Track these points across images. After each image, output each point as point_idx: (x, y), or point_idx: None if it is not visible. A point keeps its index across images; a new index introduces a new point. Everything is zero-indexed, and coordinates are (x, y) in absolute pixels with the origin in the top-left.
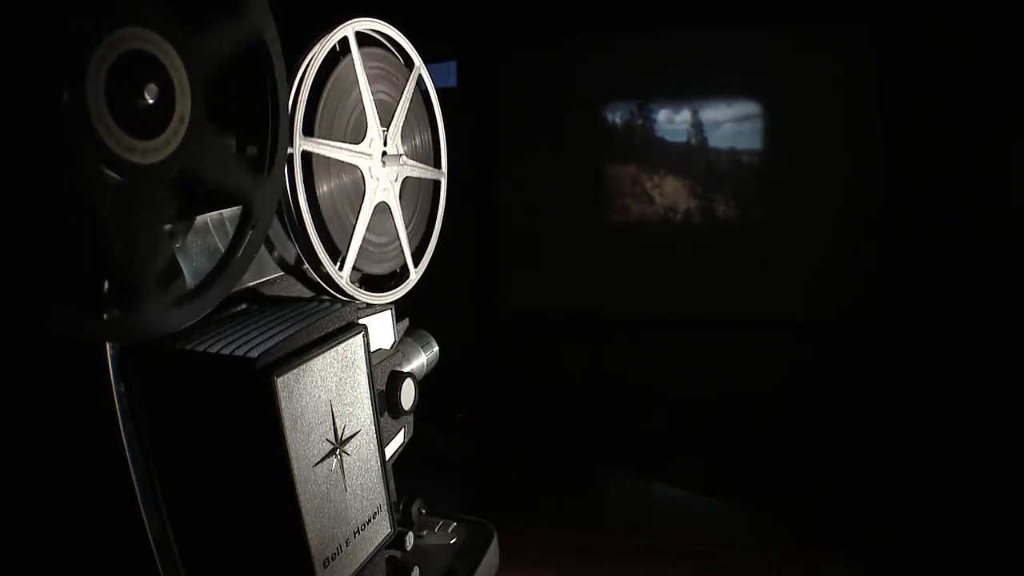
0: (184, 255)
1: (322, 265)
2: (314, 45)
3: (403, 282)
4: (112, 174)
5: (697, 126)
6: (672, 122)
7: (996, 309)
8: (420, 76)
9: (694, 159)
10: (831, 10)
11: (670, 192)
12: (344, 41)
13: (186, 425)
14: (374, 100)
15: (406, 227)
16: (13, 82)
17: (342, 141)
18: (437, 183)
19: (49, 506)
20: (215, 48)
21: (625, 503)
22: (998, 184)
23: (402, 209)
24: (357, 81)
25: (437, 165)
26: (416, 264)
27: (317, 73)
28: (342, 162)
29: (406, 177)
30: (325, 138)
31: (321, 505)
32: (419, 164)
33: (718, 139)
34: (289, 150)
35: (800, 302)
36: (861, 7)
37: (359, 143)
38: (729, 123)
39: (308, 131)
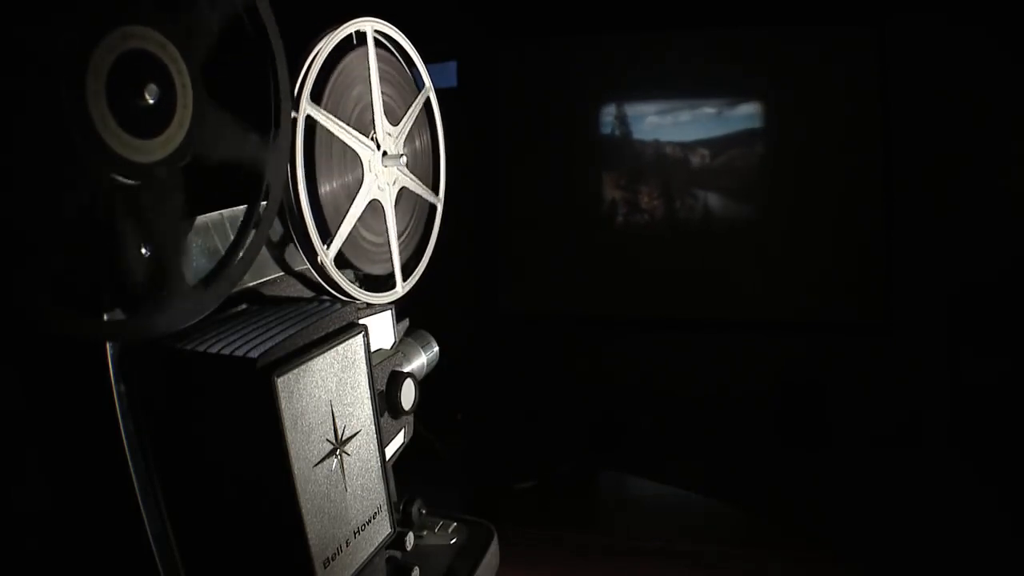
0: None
1: (311, 241)
2: (327, 32)
3: (391, 289)
4: (112, 174)
5: (696, 125)
6: (671, 122)
7: (996, 309)
8: (428, 99)
9: (695, 159)
10: (831, 10)
11: (670, 192)
12: (359, 34)
13: (186, 425)
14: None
15: (398, 237)
16: (14, 82)
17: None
18: (433, 207)
19: (49, 506)
20: (208, 25)
21: (625, 503)
22: (998, 184)
23: (396, 217)
24: (367, 77)
25: (435, 190)
26: (405, 278)
27: (327, 58)
28: (344, 148)
29: (403, 187)
30: (332, 114)
31: (321, 505)
32: (418, 180)
33: (717, 139)
34: (293, 114)
35: (800, 302)
36: (861, 7)
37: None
38: (727, 123)
39: (316, 99)
